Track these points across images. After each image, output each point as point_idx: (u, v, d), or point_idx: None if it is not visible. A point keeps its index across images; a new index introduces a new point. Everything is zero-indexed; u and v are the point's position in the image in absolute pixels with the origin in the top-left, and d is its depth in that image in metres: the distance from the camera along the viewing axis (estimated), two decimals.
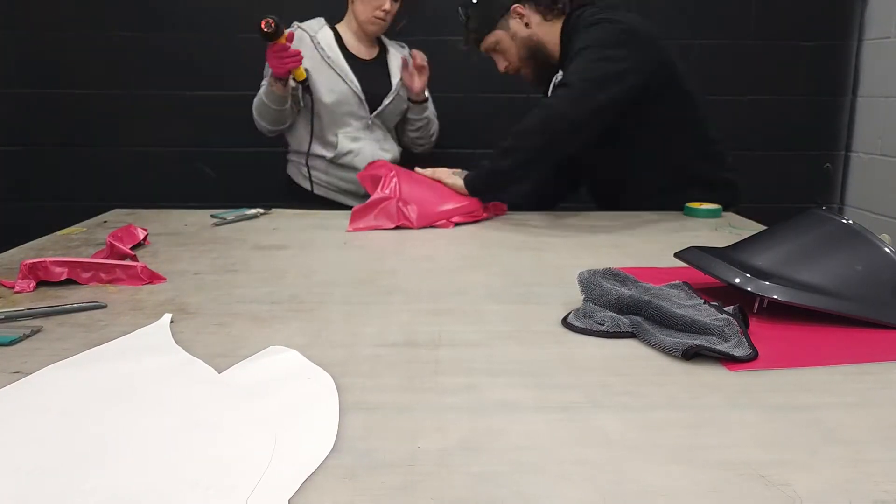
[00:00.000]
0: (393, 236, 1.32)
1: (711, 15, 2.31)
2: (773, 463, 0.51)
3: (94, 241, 1.24)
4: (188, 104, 2.29)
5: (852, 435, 0.55)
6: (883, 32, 2.25)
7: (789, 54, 2.35)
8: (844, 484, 0.48)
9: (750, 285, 0.83)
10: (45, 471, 0.48)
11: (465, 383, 0.64)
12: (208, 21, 2.24)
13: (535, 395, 0.62)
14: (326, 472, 0.49)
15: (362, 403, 0.60)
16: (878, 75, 2.28)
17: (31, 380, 0.63)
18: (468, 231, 1.37)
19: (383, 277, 1.02)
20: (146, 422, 0.56)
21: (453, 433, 0.55)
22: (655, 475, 0.49)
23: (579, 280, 0.85)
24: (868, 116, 2.33)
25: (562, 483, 0.48)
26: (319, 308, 0.87)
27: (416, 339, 0.76)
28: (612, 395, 0.62)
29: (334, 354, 0.71)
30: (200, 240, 1.27)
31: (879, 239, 0.87)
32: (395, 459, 0.51)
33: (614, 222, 1.47)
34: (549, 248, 1.22)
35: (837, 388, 0.64)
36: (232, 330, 0.78)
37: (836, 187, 2.46)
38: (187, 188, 2.33)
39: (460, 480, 0.48)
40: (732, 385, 0.64)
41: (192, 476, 0.48)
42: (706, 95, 2.34)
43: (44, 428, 0.54)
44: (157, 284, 0.96)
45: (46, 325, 0.78)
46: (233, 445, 0.52)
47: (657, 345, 0.73)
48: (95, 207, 1.67)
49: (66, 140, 2.30)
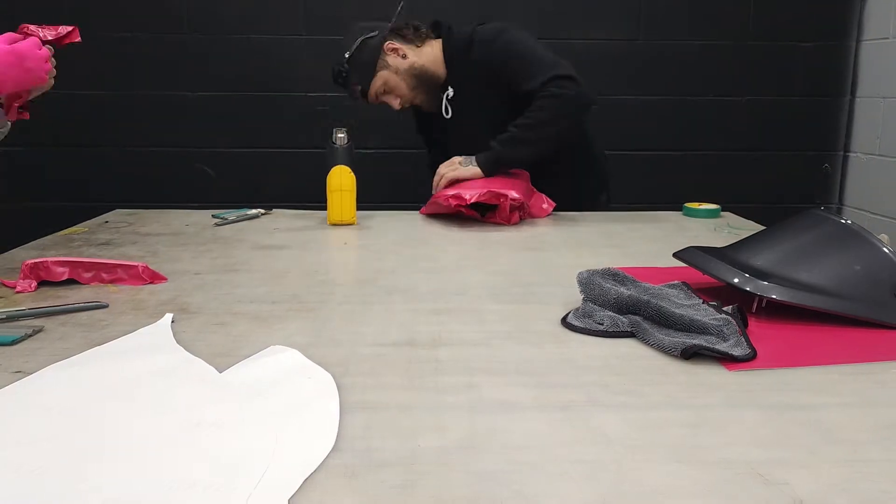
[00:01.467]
0: (393, 236, 1.32)
1: (710, 16, 2.32)
2: (771, 462, 0.51)
3: (95, 241, 1.24)
4: (188, 104, 2.29)
5: (851, 434, 0.55)
6: (881, 33, 2.25)
7: (788, 55, 2.35)
8: (843, 483, 0.48)
9: (749, 285, 0.83)
10: (46, 470, 0.48)
11: (465, 382, 0.65)
12: (209, 21, 2.24)
13: (535, 394, 0.62)
14: (327, 471, 0.49)
15: (363, 402, 0.60)
16: (877, 76, 2.28)
17: (32, 379, 0.64)
18: (468, 231, 1.37)
19: (383, 277, 1.02)
20: (147, 421, 0.56)
21: (453, 432, 0.55)
22: (655, 474, 0.49)
23: (579, 280, 0.86)
24: (866, 117, 2.33)
25: (561, 482, 0.48)
26: (320, 308, 0.87)
27: (416, 339, 0.76)
28: (611, 395, 0.62)
29: (335, 354, 0.71)
30: (201, 240, 1.27)
31: (878, 239, 0.87)
32: (395, 458, 0.51)
33: (614, 222, 1.48)
34: (549, 248, 1.22)
35: (836, 387, 0.64)
36: (233, 329, 0.78)
37: (834, 187, 2.46)
38: (187, 188, 2.33)
39: (460, 479, 0.48)
40: (731, 385, 0.64)
41: (192, 475, 0.48)
42: (706, 96, 2.36)
43: (44, 427, 0.55)
44: (158, 284, 0.97)
45: (48, 325, 0.79)
46: (233, 445, 0.52)
47: (656, 344, 0.73)
48: (96, 207, 1.67)
49: (67, 140, 2.29)
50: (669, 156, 2.39)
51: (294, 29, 2.26)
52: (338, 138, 1.42)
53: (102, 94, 2.27)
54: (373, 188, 2.38)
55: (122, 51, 2.24)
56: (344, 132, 1.42)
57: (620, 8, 2.28)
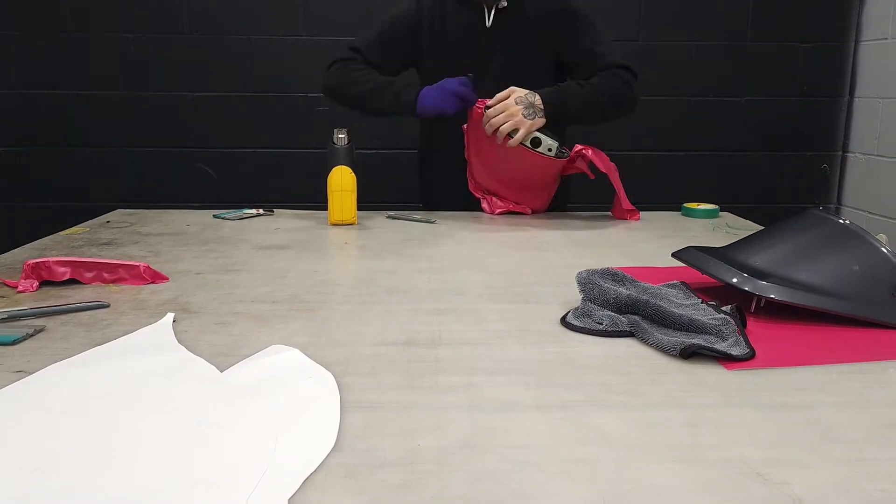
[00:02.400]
0: (393, 236, 1.32)
1: (709, 16, 2.32)
2: (771, 461, 0.51)
3: (96, 241, 1.25)
4: (188, 104, 2.29)
5: (850, 434, 0.55)
6: (880, 34, 2.26)
7: (787, 55, 2.35)
8: (842, 482, 0.48)
9: (747, 285, 0.83)
10: (47, 469, 0.48)
11: (465, 382, 0.65)
12: (209, 22, 2.25)
13: (535, 394, 0.62)
14: (327, 471, 0.49)
15: (363, 402, 0.60)
16: (875, 76, 2.29)
17: (34, 379, 0.64)
18: (468, 231, 1.37)
19: (383, 277, 1.02)
20: (148, 420, 0.56)
21: (453, 432, 0.55)
22: (654, 474, 0.49)
23: (578, 280, 0.86)
24: (865, 117, 2.34)
25: (561, 481, 0.48)
26: (320, 307, 0.87)
27: (416, 339, 0.76)
28: (611, 395, 0.62)
29: (335, 353, 0.71)
30: (202, 240, 1.27)
31: (876, 239, 0.87)
32: (395, 458, 0.51)
33: (614, 222, 1.48)
34: (549, 248, 1.22)
35: (835, 387, 0.64)
36: (233, 329, 0.78)
37: (833, 188, 2.46)
38: (188, 188, 2.33)
39: (460, 479, 0.48)
40: (731, 384, 0.65)
41: (193, 474, 0.48)
42: (705, 96, 2.36)
43: (46, 427, 0.55)
44: (159, 284, 0.97)
45: (49, 325, 0.79)
46: (234, 444, 0.52)
47: (655, 344, 0.73)
48: (97, 207, 1.68)
49: (67, 140, 2.30)
50: (668, 156, 2.40)
51: (294, 29, 2.26)
52: (338, 139, 1.42)
53: (103, 94, 2.27)
54: (373, 188, 2.39)
55: (122, 51, 2.24)
56: (344, 133, 1.42)
57: (620, 8, 2.28)
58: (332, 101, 1.61)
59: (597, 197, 1.65)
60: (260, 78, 2.28)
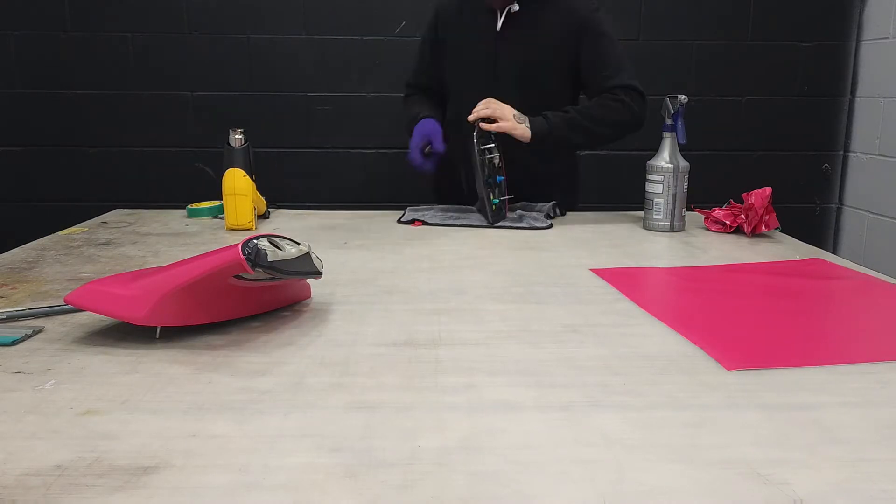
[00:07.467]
0: (393, 236, 1.32)
1: (710, 16, 2.32)
2: (771, 462, 0.51)
3: (95, 241, 1.24)
4: (188, 104, 2.29)
5: (851, 434, 0.55)
6: (881, 33, 2.25)
7: (788, 55, 2.35)
8: (843, 483, 0.48)
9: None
10: None
11: (465, 383, 0.65)
12: (209, 21, 2.25)
13: (535, 394, 0.62)
14: (327, 471, 0.49)
15: (363, 402, 0.60)
16: (877, 76, 2.28)
17: None
18: (468, 231, 1.37)
19: (383, 277, 1.02)
20: None
21: (453, 432, 0.55)
22: (654, 474, 0.49)
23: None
24: (866, 117, 2.33)
25: (561, 482, 0.48)
26: (320, 307, 0.87)
27: (416, 339, 0.76)
28: (611, 395, 0.62)
29: (335, 353, 0.71)
30: (202, 240, 1.27)
31: None
32: (395, 458, 0.51)
33: (614, 222, 1.48)
34: (549, 248, 1.22)
35: (836, 387, 0.64)
36: (233, 329, 0.78)
37: (834, 187, 2.46)
38: (187, 188, 2.33)
39: (460, 479, 0.48)
40: (731, 384, 0.64)
41: None
42: (705, 96, 2.36)
43: None
44: None
45: (48, 325, 0.79)
46: None
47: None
48: (96, 207, 1.67)
49: (66, 140, 2.30)
50: None
51: (294, 29, 2.26)
52: (234, 139, 1.35)
53: (102, 93, 2.27)
54: (373, 188, 2.39)
55: (123, 51, 2.24)
56: (240, 133, 1.35)
57: (620, 8, 2.28)
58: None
59: (598, 197, 1.64)
60: (260, 78, 2.28)
